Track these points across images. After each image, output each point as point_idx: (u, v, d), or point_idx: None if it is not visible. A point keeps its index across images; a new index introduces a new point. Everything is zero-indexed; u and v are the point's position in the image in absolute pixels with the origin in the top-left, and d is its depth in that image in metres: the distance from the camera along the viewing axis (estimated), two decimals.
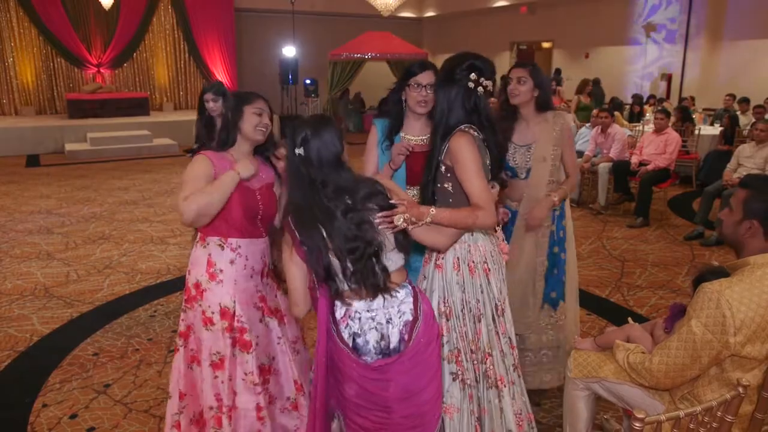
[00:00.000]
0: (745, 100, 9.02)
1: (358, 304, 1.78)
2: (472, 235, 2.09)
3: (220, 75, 15.00)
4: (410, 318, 1.80)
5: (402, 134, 2.52)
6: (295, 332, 2.44)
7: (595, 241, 5.68)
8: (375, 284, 1.74)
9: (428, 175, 2.10)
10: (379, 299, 1.77)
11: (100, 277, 4.65)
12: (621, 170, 6.56)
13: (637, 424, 1.44)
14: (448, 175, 2.03)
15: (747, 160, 5.70)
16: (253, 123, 2.15)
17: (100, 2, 12.22)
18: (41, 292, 4.35)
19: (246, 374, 2.20)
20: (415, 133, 2.49)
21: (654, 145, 6.40)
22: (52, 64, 13.56)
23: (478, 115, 2.03)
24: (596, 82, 10.67)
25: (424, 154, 2.41)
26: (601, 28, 12.60)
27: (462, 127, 2.01)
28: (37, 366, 3.30)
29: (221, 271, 2.18)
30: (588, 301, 4.19)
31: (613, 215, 6.61)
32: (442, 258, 2.09)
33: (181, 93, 15.09)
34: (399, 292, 1.81)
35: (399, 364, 1.76)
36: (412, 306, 1.81)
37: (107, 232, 5.90)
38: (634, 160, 6.50)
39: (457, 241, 2.06)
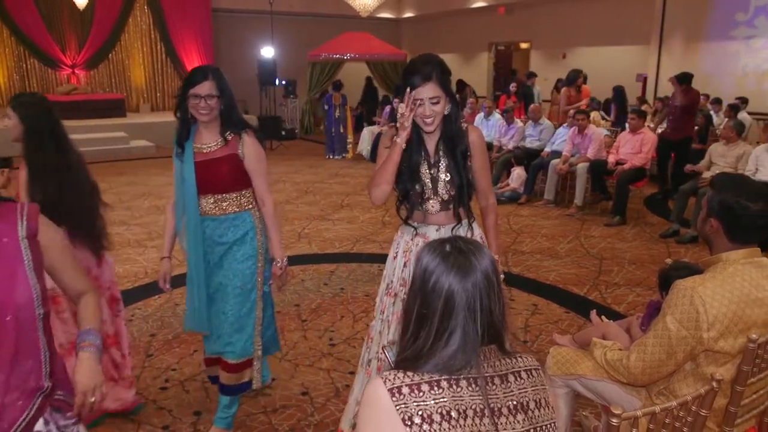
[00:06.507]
0: (717, 101, 9.22)
1: None
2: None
3: None
4: None
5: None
6: None
7: (573, 239, 5.75)
8: None
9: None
10: None
11: None
12: (598, 170, 6.65)
13: (614, 420, 1.45)
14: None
15: (720, 158, 5.82)
16: None
17: (74, 2, 12.01)
18: None
19: None
20: (204, 141, 2.46)
21: (630, 145, 6.49)
22: (24, 65, 13.30)
23: None
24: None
25: (217, 160, 2.43)
26: (579, 29, 12.74)
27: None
28: None
29: None
30: (566, 298, 4.26)
31: (590, 214, 6.68)
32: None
33: (158, 94, 14.89)
34: None
35: None
36: None
37: None
38: (611, 159, 6.59)
39: (442, 227, 2.25)
